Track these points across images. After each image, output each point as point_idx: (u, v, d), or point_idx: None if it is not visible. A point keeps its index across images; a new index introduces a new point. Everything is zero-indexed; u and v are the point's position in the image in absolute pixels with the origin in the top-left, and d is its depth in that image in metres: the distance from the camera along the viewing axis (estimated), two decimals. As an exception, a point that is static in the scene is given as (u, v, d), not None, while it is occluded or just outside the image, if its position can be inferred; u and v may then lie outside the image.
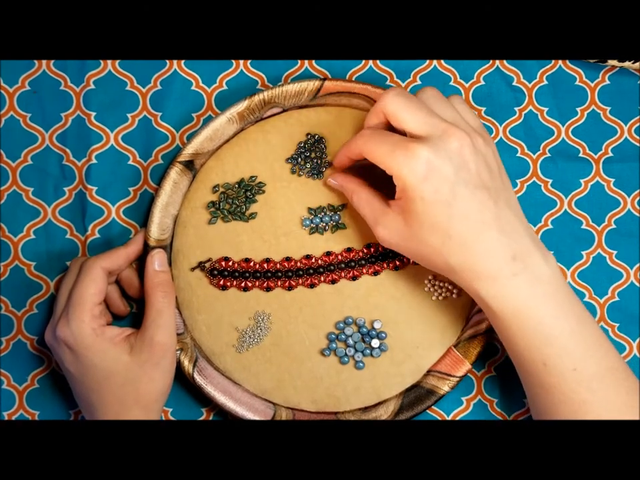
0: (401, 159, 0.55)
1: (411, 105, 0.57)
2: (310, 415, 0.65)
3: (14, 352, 0.68)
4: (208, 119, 0.69)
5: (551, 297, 0.56)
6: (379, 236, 0.60)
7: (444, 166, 0.55)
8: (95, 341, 0.59)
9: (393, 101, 0.57)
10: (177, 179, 0.66)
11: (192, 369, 0.64)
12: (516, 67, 0.70)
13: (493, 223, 0.55)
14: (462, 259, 0.56)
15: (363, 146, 0.58)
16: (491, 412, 0.68)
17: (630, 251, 0.69)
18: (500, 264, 0.55)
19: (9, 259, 0.68)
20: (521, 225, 0.57)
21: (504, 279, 0.55)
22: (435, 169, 0.54)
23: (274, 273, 0.66)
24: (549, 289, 0.56)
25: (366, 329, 0.66)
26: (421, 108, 0.57)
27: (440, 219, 0.55)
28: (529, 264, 0.56)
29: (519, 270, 0.55)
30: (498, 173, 0.58)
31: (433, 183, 0.55)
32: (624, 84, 0.70)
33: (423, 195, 0.55)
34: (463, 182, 0.55)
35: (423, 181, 0.55)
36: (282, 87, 0.66)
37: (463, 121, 0.58)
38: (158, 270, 0.63)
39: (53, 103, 0.69)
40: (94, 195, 0.68)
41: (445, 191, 0.55)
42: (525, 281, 0.55)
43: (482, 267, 0.56)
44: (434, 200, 0.55)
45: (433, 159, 0.54)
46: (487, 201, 0.56)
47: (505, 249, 0.55)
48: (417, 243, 0.57)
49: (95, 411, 0.60)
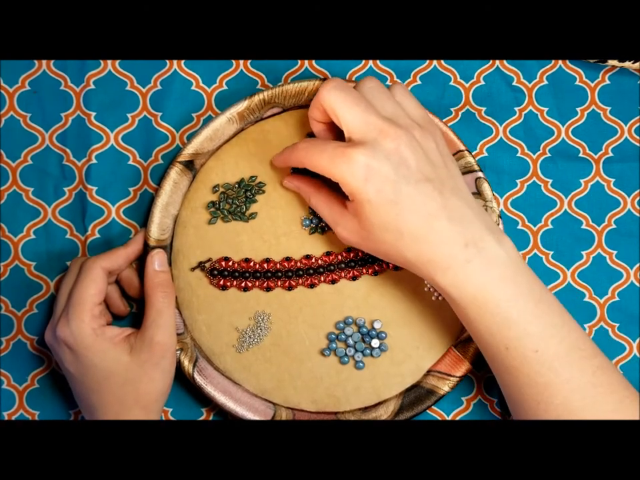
0: (341, 166, 0.56)
1: (348, 99, 0.57)
2: (310, 415, 0.65)
3: (14, 352, 0.68)
4: (208, 119, 0.69)
5: (508, 280, 0.56)
6: (339, 236, 0.61)
7: (382, 167, 0.55)
8: (95, 341, 0.59)
9: (331, 94, 0.57)
10: (177, 178, 0.66)
11: (192, 369, 0.64)
12: (516, 67, 0.70)
13: (440, 213, 0.56)
14: (417, 253, 0.57)
15: (303, 159, 0.59)
16: (491, 412, 0.68)
17: (630, 251, 0.69)
18: (453, 252, 0.56)
19: (9, 258, 0.68)
20: (470, 211, 0.57)
21: (458, 267, 0.56)
22: (374, 170, 0.55)
23: (274, 273, 0.66)
24: (504, 272, 0.56)
25: (366, 329, 0.66)
26: (359, 103, 0.57)
27: (389, 217, 0.56)
28: (482, 248, 0.56)
29: (471, 256, 0.56)
30: (442, 163, 0.58)
31: (375, 184, 0.55)
32: (624, 84, 0.70)
33: (368, 198, 0.56)
34: (404, 179, 0.56)
35: (365, 183, 0.55)
36: (282, 87, 0.66)
37: (402, 113, 0.58)
38: (158, 270, 0.63)
39: (53, 102, 0.69)
40: (94, 195, 0.68)
41: (388, 191, 0.55)
42: (479, 266, 0.56)
43: (436, 257, 0.56)
44: (379, 200, 0.56)
45: (371, 162, 0.55)
46: (431, 193, 0.56)
47: (456, 236, 0.56)
48: (373, 241, 0.58)
49: (95, 411, 0.60)
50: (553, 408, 0.56)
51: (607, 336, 0.69)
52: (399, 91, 0.60)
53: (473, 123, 0.70)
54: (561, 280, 0.69)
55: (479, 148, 0.70)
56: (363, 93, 0.58)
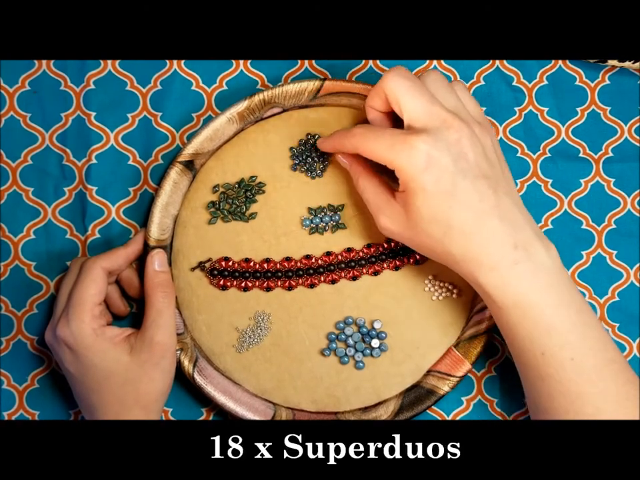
0: (400, 153, 0.55)
1: (412, 87, 0.56)
2: (310, 415, 0.65)
3: (14, 352, 0.68)
4: (208, 119, 0.69)
5: (552, 287, 0.56)
6: (381, 224, 0.60)
7: (443, 157, 0.55)
8: (95, 341, 0.59)
9: (395, 82, 0.57)
10: (177, 179, 0.66)
11: (192, 368, 0.64)
12: (516, 67, 0.70)
13: (493, 211, 0.55)
14: (463, 249, 0.56)
15: (359, 144, 0.58)
16: (491, 412, 0.68)
17: (630, 250, 0.69)
18: (501, 252, 0.55)
19: (9, 258, 0.68)
20: (521, 215, 0.57)
21: (505, 268, 0.55)
22: (434, 160, 0.55)
23: (274, 273, 0.66)
24: (550, 278, 0.56)
25: (366, 329, 0.66)
26: (423, 93, 0.56)
27: (441, 209, 0.55)
28: (531, 253, 0.56)
29: (520, 259, 0.55)
30: (497, 163, 0.58)
31: (433, 173, 0.55)
32: (624, 84, 0.70)
33: (424, 186, 0.55)
34: (462, 172, 0.55)
35: (424, 172, 0.55)
36: (282, 87, 0.66)
37: (464, 109, 0.58)
38: (158, 270, 0.63)
39: (53, 103, 0.69)
40: (94, 195, 0.68)
41: (445, 182, 0.55)
42: (526, 270, 0.55)
43: (483, 255, 0.56)
44: (435, 190, 0.55)
45: (432, 151, 0.55)
46: (486, 190, 0.56)
47: (506, 237, 0.55)
48: (418, 234, 0.57)
49: (95, 411, 0.60)
50: (583, 418, 0.56)
51: (607, 336, 0.69)
52: (460, 88, 0.60)
53: (473, 122, 0.70)
54: (561, 280, 0.69)
55: (479, 148, 0.69)
56: (426, 84, 0.58)
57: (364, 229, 0.67)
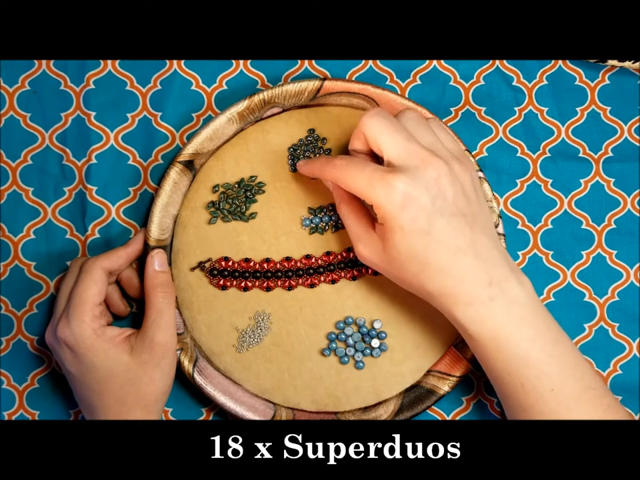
0: (379, 190, 0.55)
1: (389, 127, 0.56)
2: (310, 415, 0.65)
3: (14, 352, 0.68)
4: (208, 118, 0.69)
5: (527, 320, 0.56)
6: (359, 252, 0.60)
7: (421, 196, 0.55)
8: (95, 341, 0.59)
9: (373, 122, 0.57)
10: (177, 178, 0.66)
11: (192, 368, 0.64)
12: (516, 67, 0.70)
13: (469, 249, 0.56)
14: (439, 285, 0.56)
15: (339, 176, 0.58)
16: (491, 412, 0.68)
17: (630, 250, 0.69)
18: (476, 289, 0.56)
19: (9, 258, 0.68)
20: (496, 250, 0.57)
21: (481, 304, 0.56)
22: (412, 199, 0.55)
23: (274, 272, 0.66)
24: (524, 312, 0.56)
25: (366, 329, 0.66)
26: (400, 131, 0.57)
27: (417, 247, 0.56)
28: (505, 288, 0.56)
29: (495, 294, 0.56)
30: (476, 199, 0.58)
31: (411, 212, 0.55)
32: (624, 84, 0.70)
33: (401, 224, 0.55)
34: (440, 211, 0.55)
35: (401, 210, 0.55)
36: (282, 86, 0.66)
37: (442, 146, 0.58)
38: (158, 270, 0.63)
39: (52, 102, 0.69)
40: (94, 195, 0.68)
41: (422, 220, 0.55)
42: (501, 305, 0.56)
43: (459, 291, 0.56)
44: (412, 229, 0.55)
45: (410, 190, 0.55)
46: (463, 228, 0.56)
47: (481, 274, 0.56)
48: (395, 268, 0.58)
49: (96, 412, 0.60)
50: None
51: (607, 336, 0.69)
52: (436, 125, 0.60)
53: (473, 122, 0.70)
54: (561, 280, 0.69)
55: (479, 148, 0.70)
56: (402, 123, 0.58)
57: (364, 229, 0.67)
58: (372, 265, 0.60)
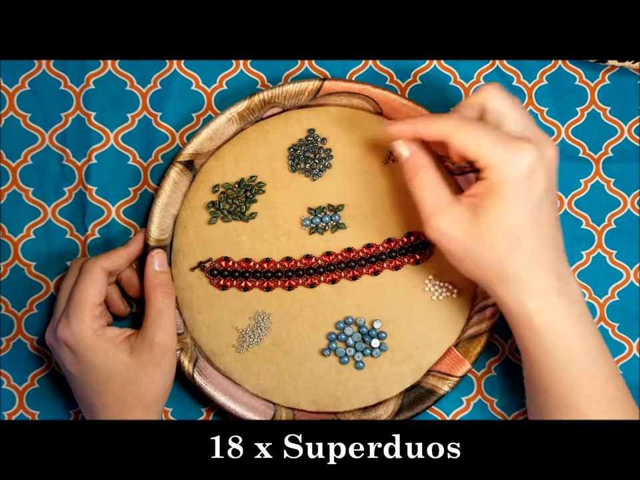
0: (504, 154, 0.53)
1: (515, 104, 0.56)
2: (310, 415, 0.65)
3: (14, 352, 0.68)
4: (208, 118, 0.69)
5: (584, 319, 0.57)
6: (436, 225, 0.56)
7: (541, 173, 0.54)
8: (95, 341, 0.59)
9: (498, 96, 0.56)
10: (177, 178, 0.66)
11: (192, 369, 0.64)
12: (516, 67, 0.70)
13: (553, 239, 0.56)
14: (521, 269, 0.55)
15: (452, 131, 0.55)
16: (491, 412, 0.68)
17: (630, 250, 0.69)
18: (550, 280, 0.55)
19: (9, 258, 0.68)
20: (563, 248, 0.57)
21: (550, 295, 0.55)
22: (535, 172, 0.54)
23: (274, 272, 0.66)
24: (582, 310, 0.57)
25: (366, 329, 0.66)
26: (522, 107, 0.56)
27: (520, 222, 0.54)
28: (569, 284, 0.56)
29: (563, 288, 0.56)
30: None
31: (530, 185, 0.54)
32: (624, 84, 0.70)
33: (516, 194, 0.54)
34: (546, 193, 0.55)
35: (522, 180, 0.53)
36: (282, 87, 0.66)
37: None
38: (158, 270, 0.63)
39: (52, 102, 0.69)
40: (94, 195, 0.68)
41: (535, 197, 0.54)
42: (567, 301, 0.56)
43: (534, 278, 0.55)
44: (524, 201, 0.54)
45: (535, 163, 0.53)
46: (555, 217, 0.56)
47: (556, 266, 0.56)
48: (479, 243, 0.55)
49: (96, 412, 0.60)
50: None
51: (607, 336, 0.68)
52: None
53: (473, 122, 0.70)
54: (560, 280, 0.69)
55: (479, 148, 0.69)
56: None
57: (364, 229, 0.67)
58: (446, 241, 0.56)
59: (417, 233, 0.66)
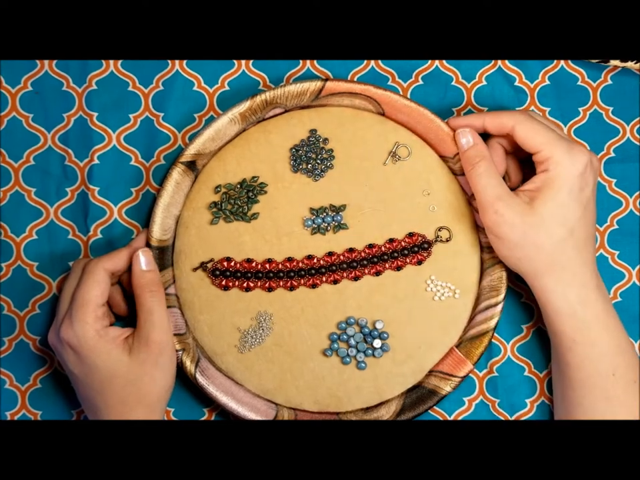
0: (566, 150, 0.60)
1: (543, 127, 0.62)
2: (312, 415, 0.65)
3: (16, 352, 0.68)
4: (210, 119, 0.69)
5: (616, 314, 0.62)
6: (499, 209, 0.61)
7: (591, 176, 0.61)
8: (98, 342, 0.59)
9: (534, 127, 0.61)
10: (179, 179, 0.66)
11: (194, 369, 0.64)
12: (518, 67, 0.70)
13: (593, 238, 0.62)
14: (571, 257, 0.60)
15: (520, 122, 0.61)
16: (493, 412, 0.68)
17: (632, 251, 0.69)
18: (592, 274, 0.61)
19: (12, 259, 0.68)
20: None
21: (593, 289, 0.61)
22: (587, 174, 0.61)
23: (276, 273, 0.66)
24: (612, 307, 0.62)
25: (368, 329, 0.66)
26: (552, 129, 0.62)
27: (574, 214, 0.60)
28: (601, 282, 0.62)
29: (599, 283, 0.62)
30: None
31: (583, 182, 0.60)
32: (626, 84, 0.70)
33: (573, 188, 0.60)
34: (594, 195, 0.62)
35: (579, 175, 0.60)
36: (284, 87, 0.66)
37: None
38: (144, 270, 0.63)
39: (55, 103, 0.69)
40: (96, 196, 0.68)
41: (585, 195, 0.61)
42: (602, 294, 0.62)
43: (581, 271, 0.61)
44: (579, 196, 0.60)
45: (589, 166, 0.61)
46: (594, 220, 0.62)
47: (594, 263, 0.62)
48: (537, 229, 0.60)
49: (99, 412, 0.60)
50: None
51: (608, 336, 0.68)
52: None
53: (475, 123, 0.70)
54: (562, 280, 0.69)
55: (481, 148, 0.69)
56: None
57: (366, 229, 0.67)
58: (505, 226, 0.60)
59: (418, 233, 0.66)
